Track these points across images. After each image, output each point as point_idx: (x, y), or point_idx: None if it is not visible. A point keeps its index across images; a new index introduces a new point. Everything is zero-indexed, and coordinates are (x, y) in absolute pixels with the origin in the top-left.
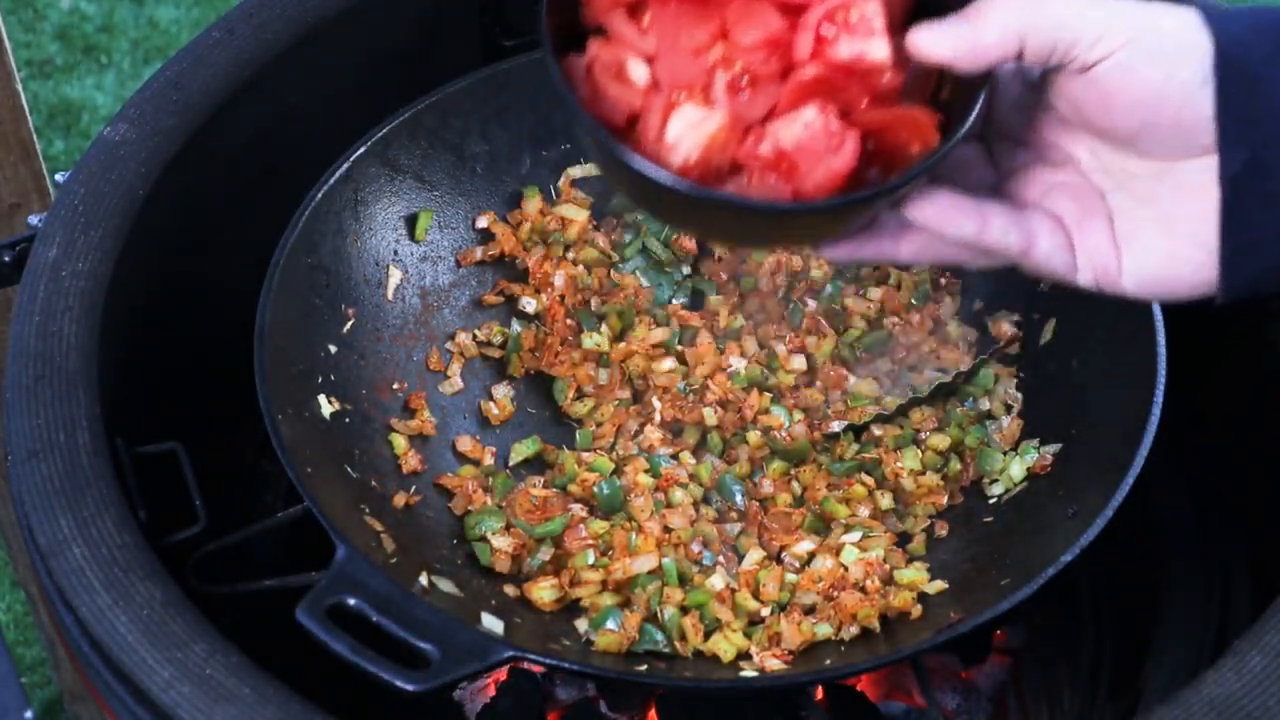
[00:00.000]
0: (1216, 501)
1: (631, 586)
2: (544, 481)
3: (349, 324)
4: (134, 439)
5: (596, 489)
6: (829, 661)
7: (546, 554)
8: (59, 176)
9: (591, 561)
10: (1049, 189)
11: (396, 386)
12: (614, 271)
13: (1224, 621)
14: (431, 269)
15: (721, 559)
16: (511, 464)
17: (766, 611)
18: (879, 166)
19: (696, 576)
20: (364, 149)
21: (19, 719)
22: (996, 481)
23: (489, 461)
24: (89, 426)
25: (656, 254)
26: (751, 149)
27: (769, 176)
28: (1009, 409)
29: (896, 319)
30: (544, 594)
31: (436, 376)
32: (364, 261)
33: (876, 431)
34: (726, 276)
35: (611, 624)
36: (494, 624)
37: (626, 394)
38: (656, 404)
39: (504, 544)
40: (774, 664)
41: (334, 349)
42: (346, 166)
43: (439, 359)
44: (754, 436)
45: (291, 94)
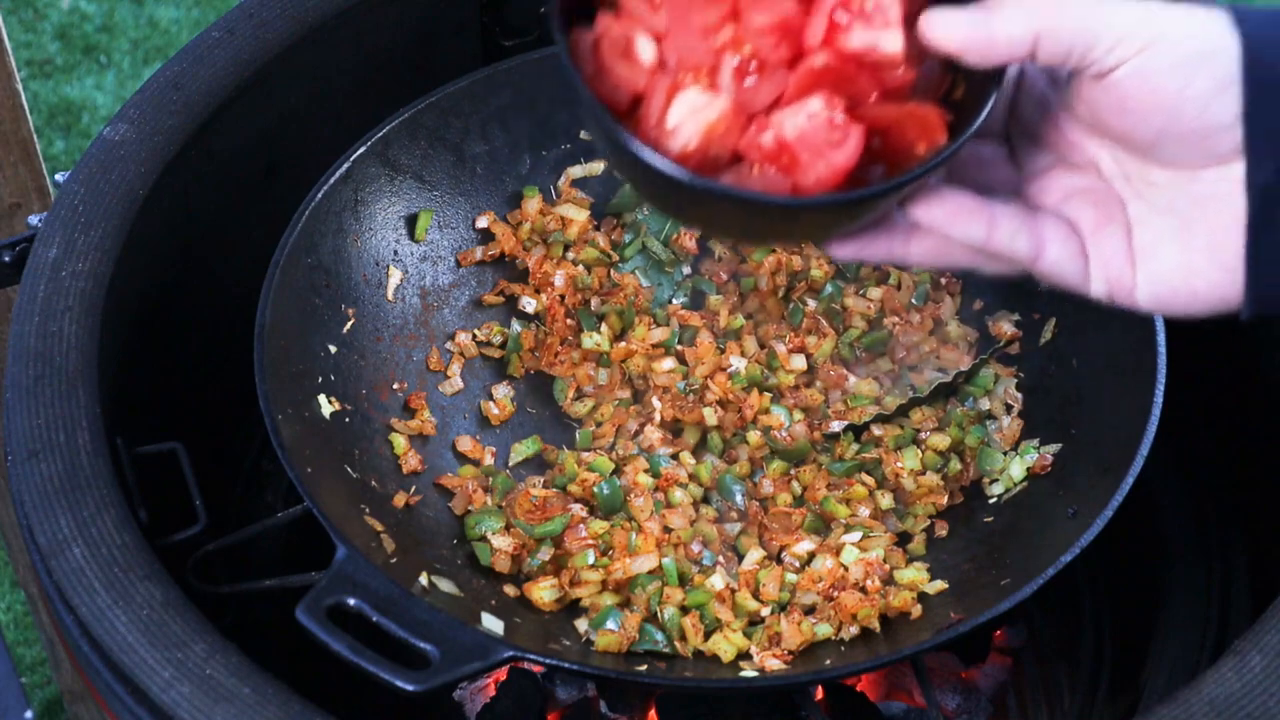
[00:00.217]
0: (1216, 501)
1: (631, 586)
2: (544, 481)
3: (349, 324)
4: (134, 439)
5: (596, 489)
6: (829, 661)
7: (546, 554)
8: (59, 176)
9: (591, 561)
10: (1068, 194)
11: (396, 386)
12: (614, 271)
13: (1224, 621)
14: (431, 269)
15: (721, 559)
16: (511, 464)
17: (766, 611)
18: (884, 164)
19: (696, 576)
20: (364, 149)
21: (19, 719)
22: (996, 481)
23: (489, 461)
24: (89, 426)
25: (656, 254)
26: (753, 139)
27: (769, 168)
28: (1009, 409)
29: (896, 319)
30: (544, 594)
31: (436, 376)
32: (364, 261)
33: (876, 431)
34: (726, 276)
35: (611, 624)
36: (494, 624)
37: (626, 394)
38: (656, 404)
39: (504, 544)
40: (774, 664)
41: (334, 349)
42: (346, 166)
43: (439, 359)
44: (754, 436)
45: (291, 94)
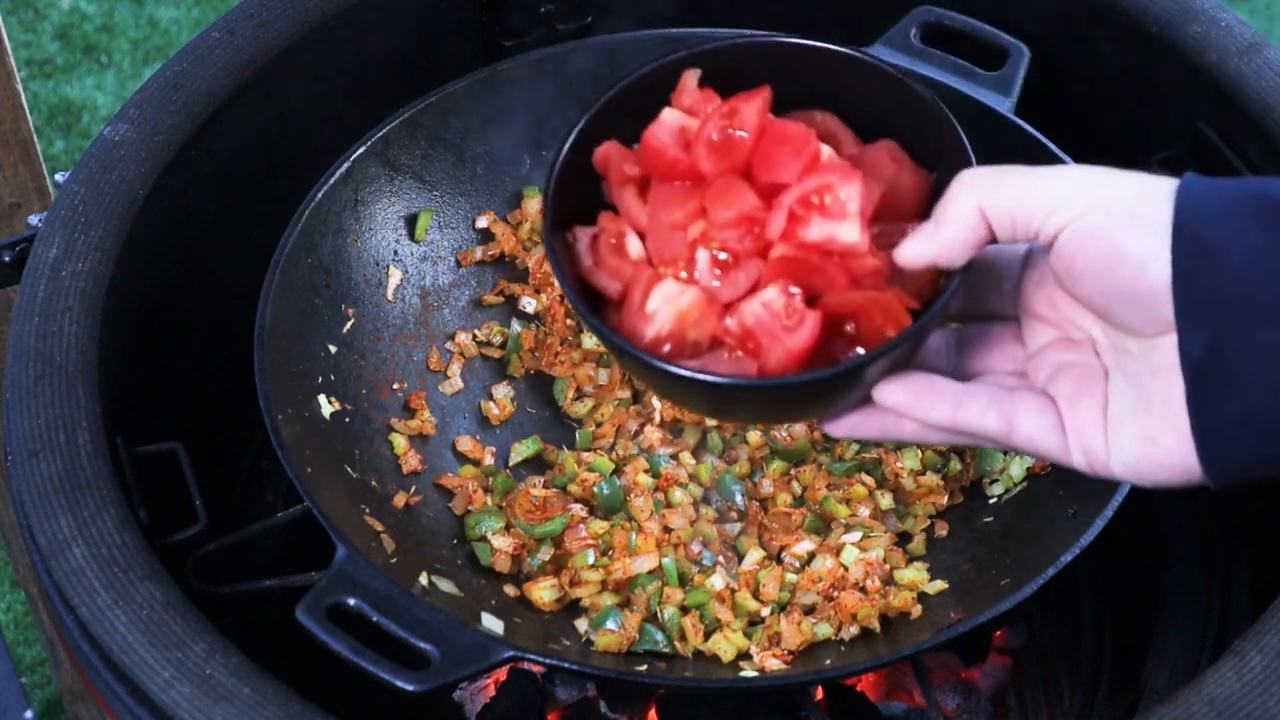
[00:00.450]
0: (1216, 501)
1: (631, 586)
2: (544, 481)
3: (349, 324)
4: (134, 439)
5: (596, 489)
6: (829, 661)
7: (546, 554)
8: (59, 176)
9: (591, 561)
10: (1057, 369)
11: (396, 386)
12: None
13: (1224, 621)
14: (431, 269)
15: (721, 559)
16: (511, 464)
17: (766, 611)
18: (863, 347)
19: (696, 576)
20: (364, 149)
21: (19, 719)
22: (996, 481)
23: (489, 461)
24: (89, 426)
25: None
26: (725, 325)
27: (738, 353)
28: None
29: None
30: (544, 594)
31: (436, 376)
32: (364, 261)
33: None
34: None
35: (611, 624)
36: (494, 624)
37: (626, 394)
38: (656, 404)
39: (504, 544)
40: (774, 664)
41: (334, 349)
42: (346, 166)
43: (439, 359)
44: (754, 436)
45: (291, 94)
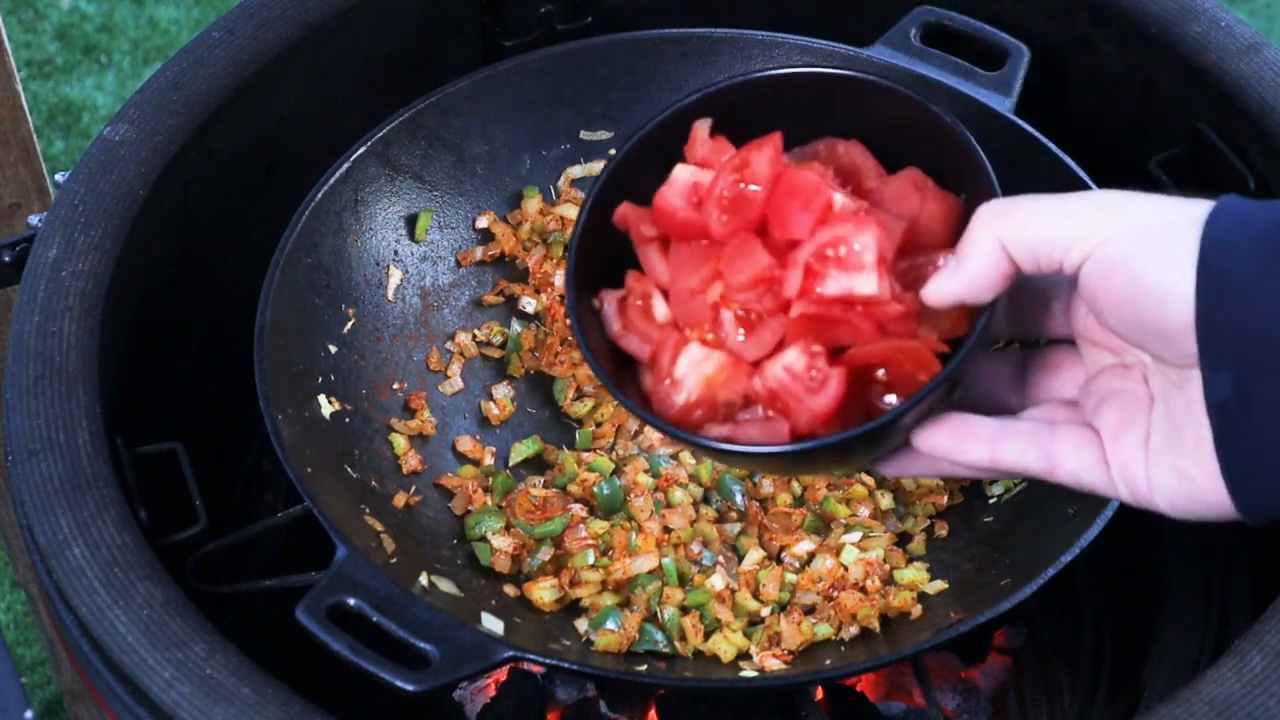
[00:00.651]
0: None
1: (631, 586)
2: (544, 481)
3: (349, 324)
4: (134, 439)
5: (596, 489)
6: (829, 661)
7: (546, 554)
8: (59, 176)
9: (591, 561)
10: (1104, 398)
11: (396, 386)
12: None
13: (1224, 621)
14: (431, 269)
15: (721, 559)
16: (511, 464)
17: (766, 611)
18: (896, 393)
19: (696, 576)
20: (364, 149)
21: (19, 719)
22: (996, 481)
23: (489, 461)
24: (89, 426)
25: None
26: (753, 387)
27: (770, 412)
28: None
29: None
30: (544, 594)
31: (436, 376)
32: (364, 261)
33: None
34: None
35: (611, 624)
36: (494, 624)
37: None
38: None
39: (504, 544)
40: (774, 664)
41: (334, 349)
42: (346, 166)
43: (439, 359)
44: None
45: (291, 94)
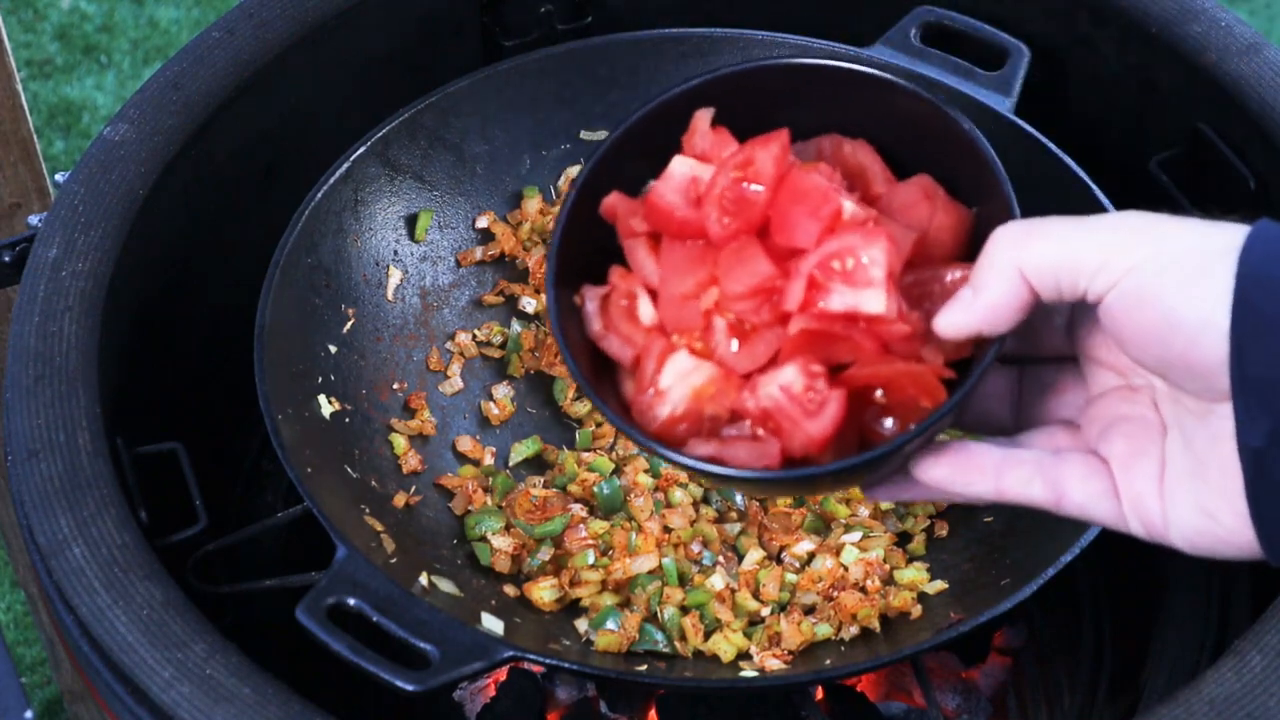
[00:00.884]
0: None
1: (631, 586)
2: (544, 481)
3: (349, 324)
4: (134, 439)
5: (596, 489)
6: (829, 661)
7: (546, 554)
8: (59, 176)
9: (591, 561)
10: (1111, 424)
11: (396, 386)
12: None
13: (1224, 621)
14: (431, 269)
15: (721, 559)
16: (511, 464)
17: (766, 611)
18: (894, 417)
19: (696, 576)
20: (364, 149)
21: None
22: None
23: (489, 461)
24: (89, 426)
25: None
26: (743, 402)
27: (759, 430)
28: None
29: None
30: (544, 594)
31: (436, 376)
32: (364, 261)
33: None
34: None
35: (611, 624)
36: (494, 624)
37: None
38: None
39: (504, 544)
40: (774, 664)
41: (334, 349)
42: (346, 166)
43: (439, 359)
44: None
45: (291, 94)
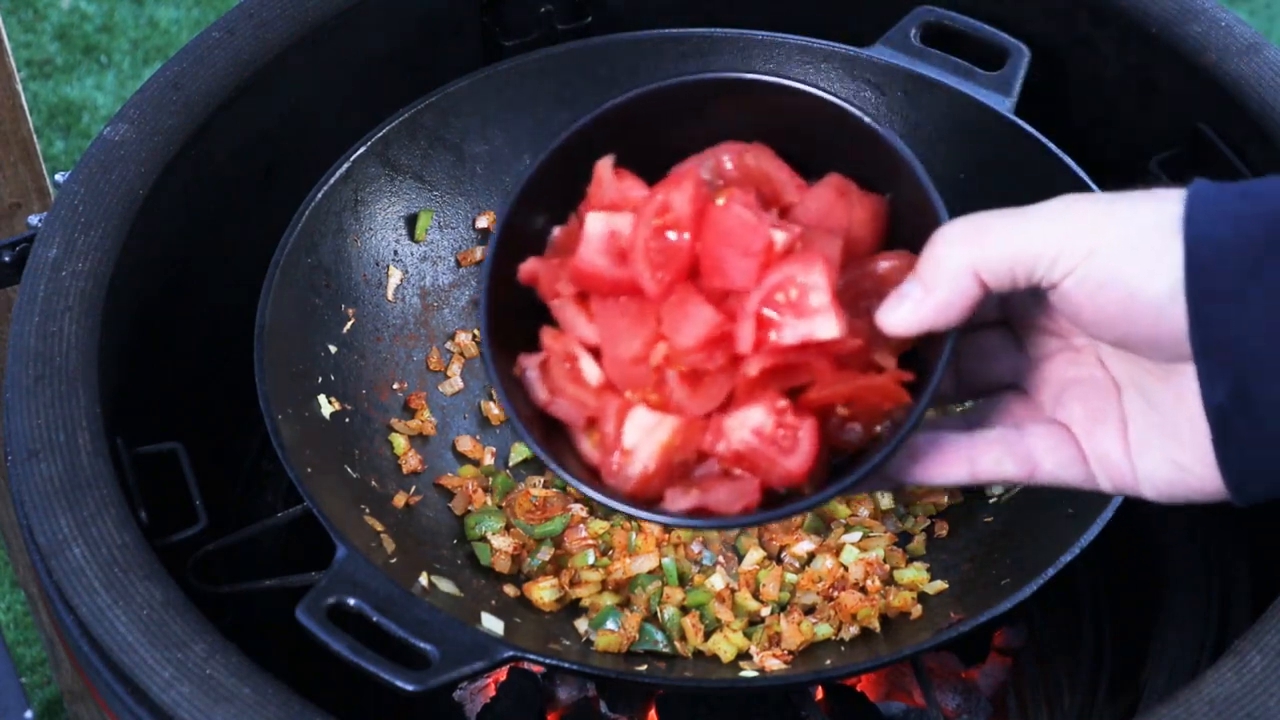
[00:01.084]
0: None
1: (631, 586)
2: (544, 481)
3: (349, 324)
4: (134, 439)
5: None
6: (829, 661)
7: (546, 554)
8: (59, 176)
9: (591, 561)
10: (1064, 389)
11: (396, 386)
12: None
13: (1224, 621)
14: (431, 269)
15: (721, 559)
16: (511, 464)
17: (766, 611)
18: (859, 424)
19: (696, 576)
20: (364, 149)
21: (19, 719)
22: None
23: (489, 461)
24: (89, 426)
25: None
26: (712, 445)
27: (735, 470)
28: None
29: None
30: (544, 594)
31: (436, 376)
32: (364, 261)
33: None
34: None
35: (611, 624)
36: (494, 624)
37: None
38: None
39: (504, 544)
40: (774, 664)
41: (334, 349)
42: (346, 166)
43: (439, 359)
44: None
45: (291, 94)
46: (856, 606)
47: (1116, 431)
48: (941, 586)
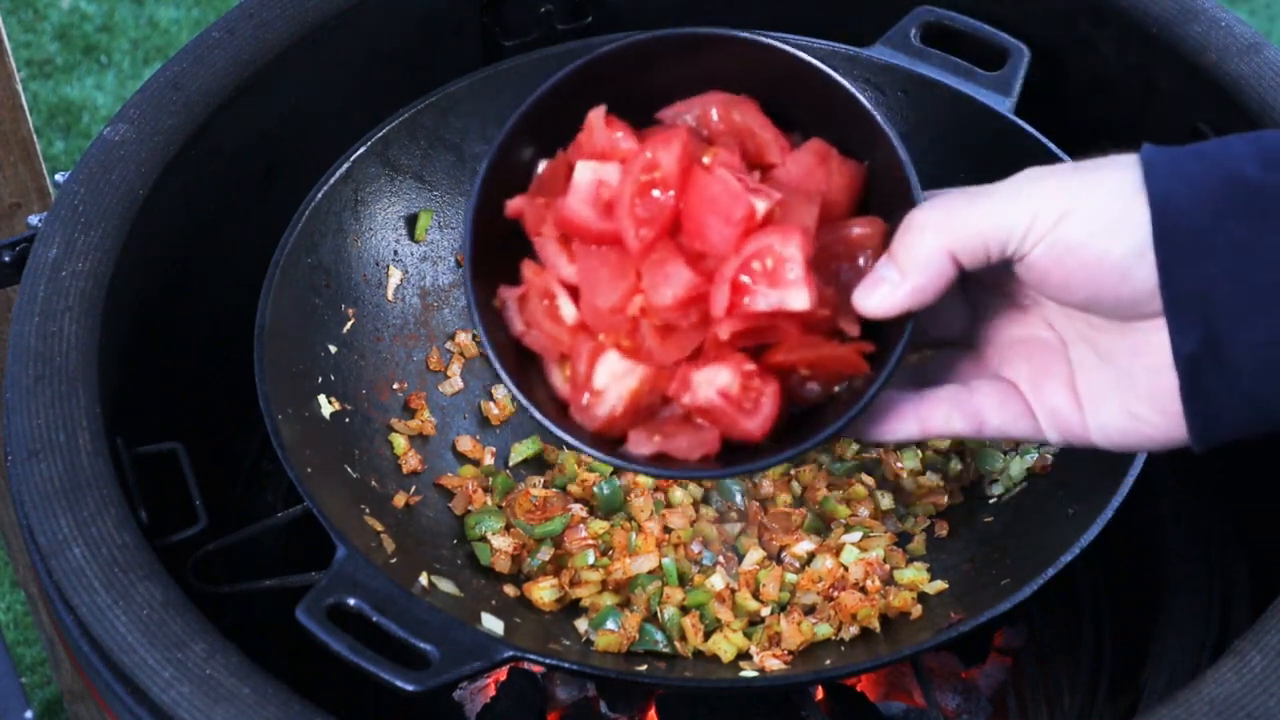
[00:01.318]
0: (1216, 501)
1: (631, 586)
2: (544, 481)
3: (349, 324)
4: (134, 439)
5: (596, 489)
6: (829, 661)
7: (546, 554)
8: (59, 176)
9: (591, 561)
10: (1009, 349)
11: (396, 386)
12: None
13: (1224, 621)
14: (431, 269)
15: (721, 559)
16: (511, 464)
17: (766, 611)
18: (818, 383)
19: (696, 576)
20: (364, 149)
21: (19, 719)
22: (996, 481)
23: (489, 461)
24: (89, 426)
25: None
26: (678, 393)
27: (698, 420)
28: None
29: None
30: (544, 594)
31: (436, 376)
32: (364, 261)
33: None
34: None
35: (611, 624)
36: (494, 624)
37: None
38: None
39: (504, 544)
40: (774, 664)
41: (334, 349)
42: (346, 166)
43: (439, 359)
44: None
45: (291, 94)
46: (856, 606)
47: (1064, 386)
48: (941, 586)
